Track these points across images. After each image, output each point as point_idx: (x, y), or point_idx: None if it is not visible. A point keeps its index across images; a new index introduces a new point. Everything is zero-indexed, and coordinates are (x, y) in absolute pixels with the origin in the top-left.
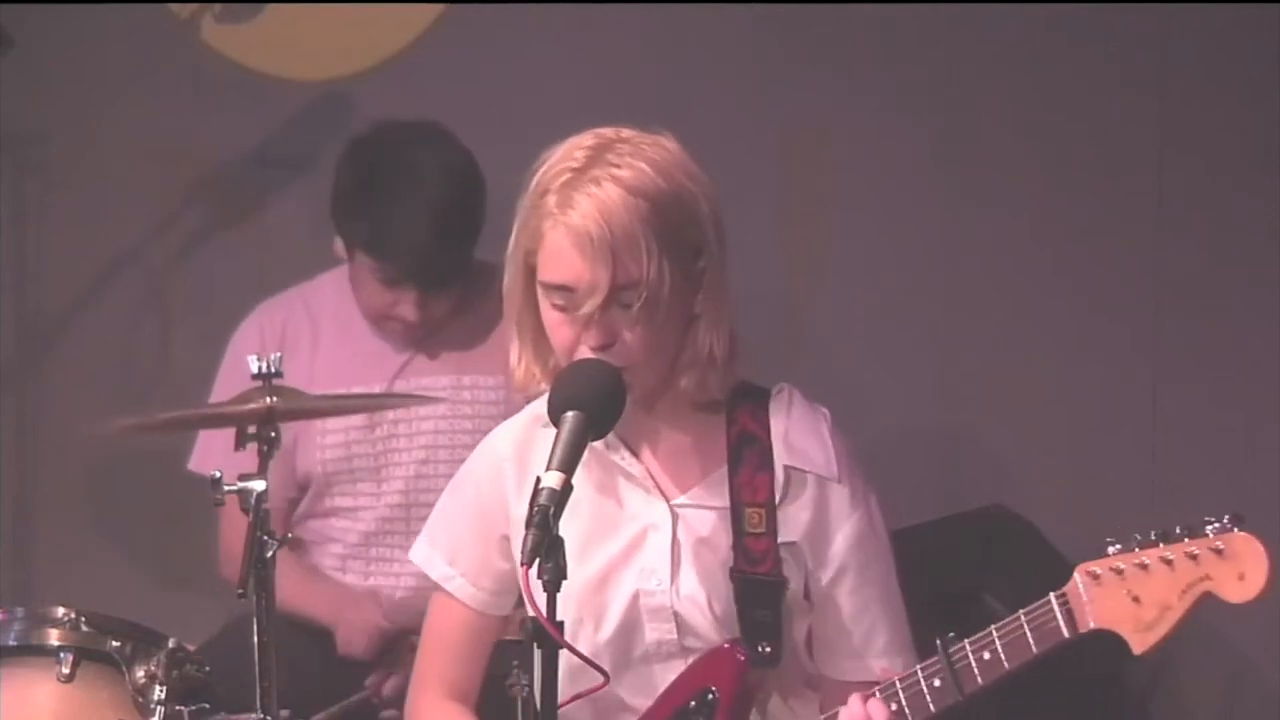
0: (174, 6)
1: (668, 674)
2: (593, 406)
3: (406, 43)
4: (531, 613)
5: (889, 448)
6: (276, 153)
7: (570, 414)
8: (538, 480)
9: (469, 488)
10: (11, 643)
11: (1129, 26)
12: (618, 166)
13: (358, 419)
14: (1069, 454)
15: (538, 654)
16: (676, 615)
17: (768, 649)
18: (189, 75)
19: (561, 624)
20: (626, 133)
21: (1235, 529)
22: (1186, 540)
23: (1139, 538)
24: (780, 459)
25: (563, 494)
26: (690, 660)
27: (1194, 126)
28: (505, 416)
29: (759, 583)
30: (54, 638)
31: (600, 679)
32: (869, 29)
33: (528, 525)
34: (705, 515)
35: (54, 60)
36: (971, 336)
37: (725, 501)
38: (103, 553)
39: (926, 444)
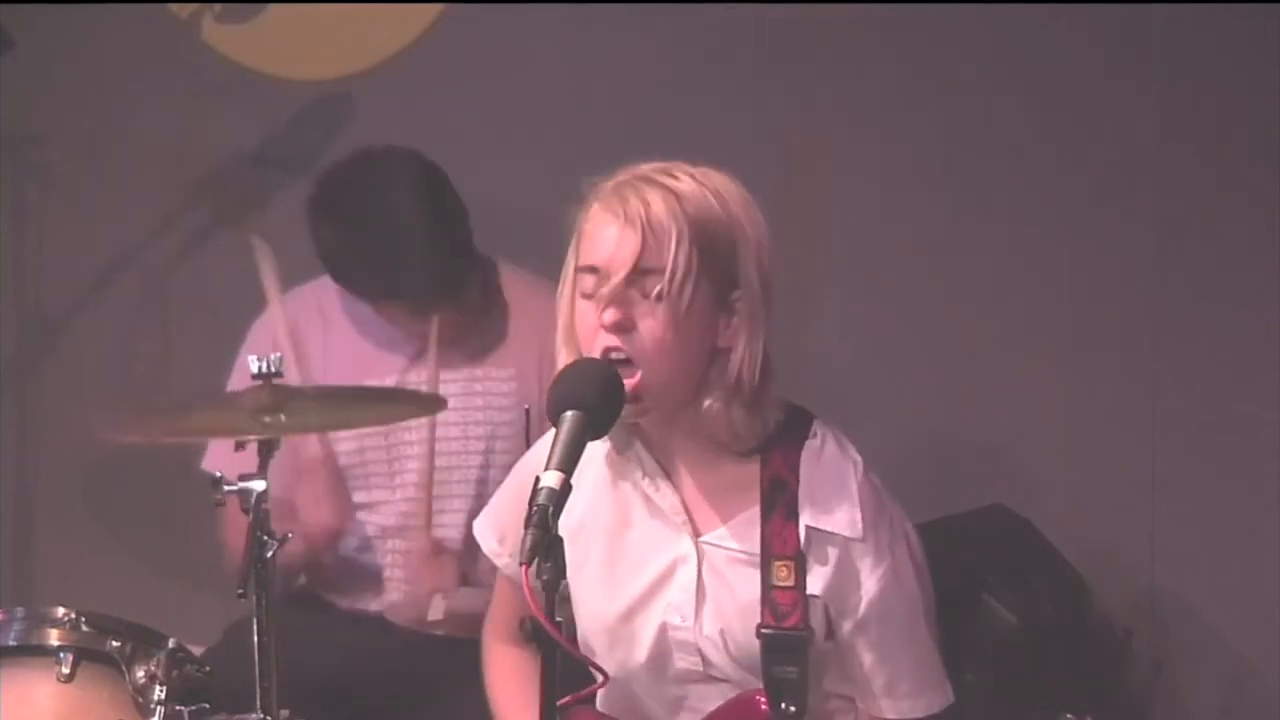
0: (174, 6)
1: (698, 692)
2: (591, 405)
3: (406, 43)
4: (531, 613)
5: (890, 447)
6: (276, 153)
7: (570, 413)
8: (536, 480)
9: (519, 478)
10: (11, 643)
11: (1129, 26)
12: (676, 179)
13: None
14: (1069, 454)
15: (611, 641)
16: (700, 650)
17: (792, 709)
18: (189, 75)
19: (560, 624)
20: (696, 167)
21: None
22: None
23: None
24: (804, 518)
25: (562, 493)
26: (719, 685)
27: (1194, 126)
28: (517, 409)
29: (786, 638)
30: (54, 638)
31: (600, 678)
32: (869, 29)
33: (526, 525)
34: (730, 556)
35: (54, 60)
36: (972, 336)
37: (753, 546)
38: (103, 553)
39: (926, 444)
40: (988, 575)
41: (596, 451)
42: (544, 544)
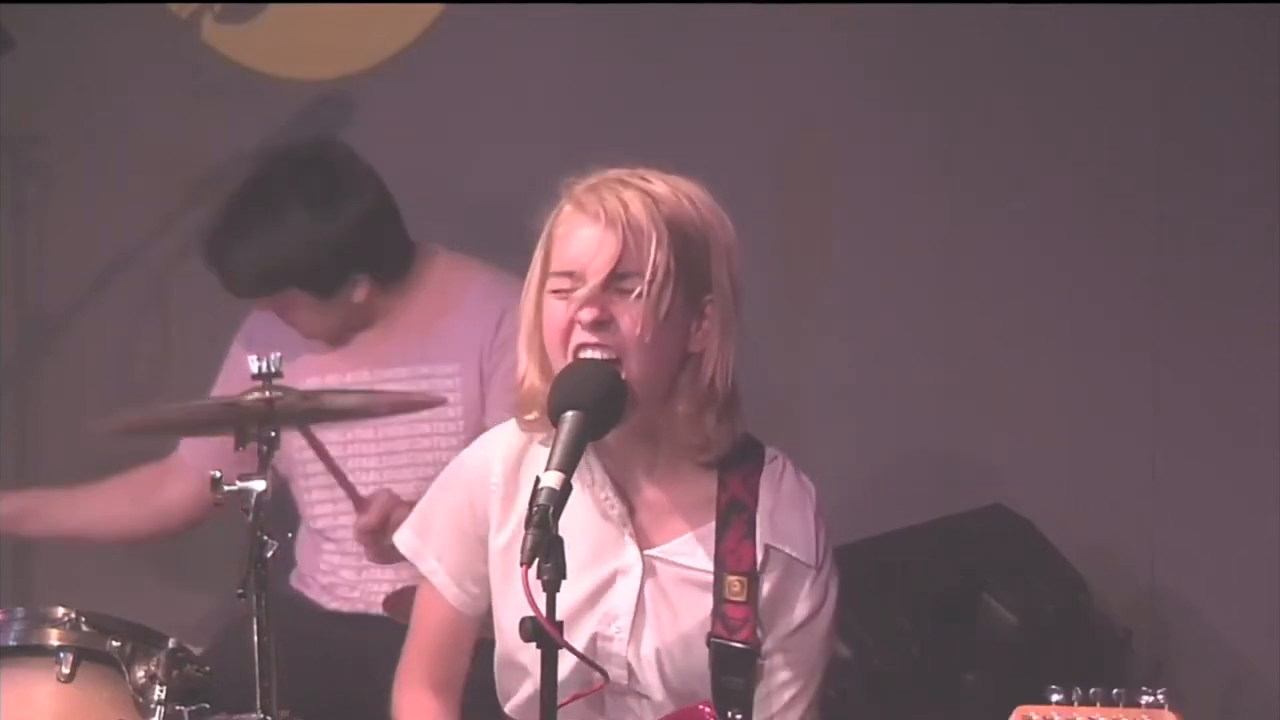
0: (174, 6)
1: (616, 704)
2: (592, 406)
3: (406, 43)
4: (531, 613)
5: (891, 448)
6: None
7: (570, 414)
8: (537, 480)
9: (455, 489)
10: (11, 643)
11: (1129, 26)
12: (649, 182)
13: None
14: (1069, 454)
15: (538, 654)
16: (629, 665)
17: (738, 717)
18: (189, 75)
19: (561, 624)
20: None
21: (1166, 707)
22: (1122, 705)
23: (1079, 691)
24: (764, 537)
25: (562, 494)
26: (639, 699)
27: (1194, 126)
28: (462, 404)
29: (736, 651)
30: (54, 638)
31: (599, 679)
32: (868, 29)
33: (527, 525)
34: (679, 573)
35: (54, 60)
36: (972, 336)
37: (704, 564)
38: (103, 553)
39: (926, 443)
40: (988, 575)
41: (544, 458)
42: (545, 544)
